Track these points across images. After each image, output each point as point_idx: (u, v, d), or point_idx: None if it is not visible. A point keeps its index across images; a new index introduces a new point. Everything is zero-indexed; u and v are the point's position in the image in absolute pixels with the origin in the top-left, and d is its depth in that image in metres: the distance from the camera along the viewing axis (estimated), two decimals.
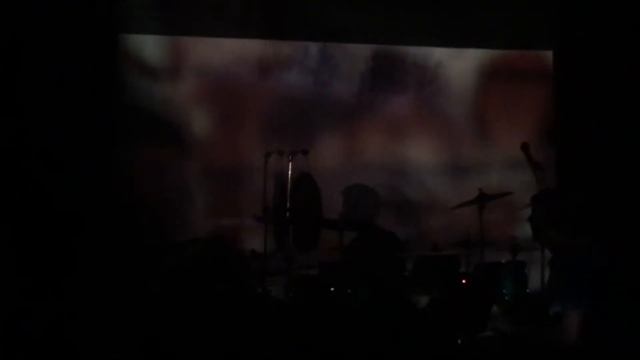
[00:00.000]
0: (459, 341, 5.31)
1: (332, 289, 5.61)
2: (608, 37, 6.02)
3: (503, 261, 5.88)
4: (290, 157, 5.92)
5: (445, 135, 7.01)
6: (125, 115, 5.48)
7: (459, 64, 7.00)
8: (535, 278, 5.82)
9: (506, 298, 5.72)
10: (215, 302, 5.08)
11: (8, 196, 4.66)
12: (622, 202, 5.68)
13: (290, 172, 5.96)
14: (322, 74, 6.88)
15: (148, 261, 5.10)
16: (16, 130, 4.78)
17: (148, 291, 4.77)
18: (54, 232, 4.89)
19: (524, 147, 5.68)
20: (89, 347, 4.26)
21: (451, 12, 6.57)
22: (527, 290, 5.78)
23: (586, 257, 4.20)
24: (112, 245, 5.00)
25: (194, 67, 6.64)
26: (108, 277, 4.73)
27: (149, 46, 6.44)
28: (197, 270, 5.45)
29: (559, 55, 6.78)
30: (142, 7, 5.83)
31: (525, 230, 5.20)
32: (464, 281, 5.80)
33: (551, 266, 5.02)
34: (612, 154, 5.92)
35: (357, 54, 6.89)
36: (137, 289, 4.70)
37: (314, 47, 6.83)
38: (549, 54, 6.93)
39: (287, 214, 5.96)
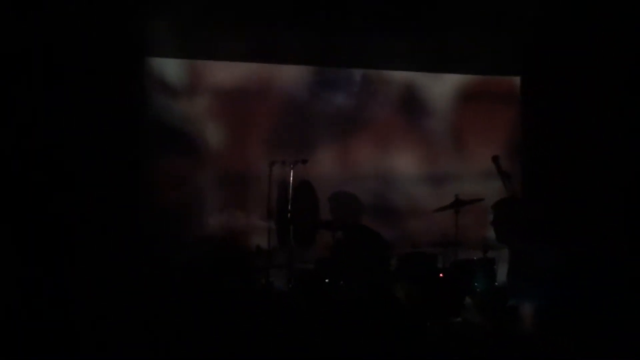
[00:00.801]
0: (428, 324, 5.36)
1: (326, 280, 5.76)
2: (568, 66, 6.12)
3: (475, 258, 5.98)
4: (291, 166, 6.03)
5: (427, 148, 7.04)
6: (149, 128, 5.72)
7: (439, 87, 7.06)
8: (504, 273, 5.80)
9: (477, 290, 5.76)
10: (225, 291, 5.25)
11: (49, 196, 4.94)
12: (576, 209, 5.77)
13: (291, 179, 6.07)
14: (320, 94, 6.85)
15: (167, 255, 5.35)
16: (54, 140, 5.05)
17: (168, 281, 5.01)
18: (86, 229, 5.13)
19: (495, 159, 5.90)
20: (114, 333, 4.44)
21: (432, 42, 6.52)
22: (496, 284, 5.80)
23: (539, 257, 4.46)
24: (137, 242, 5.27)
25: (209, 87, 6.64)
26: (133, 270, 4.96)
27: (171, 68, 6.49)
28: (210, 263, 5.55)
29: (525, 80, 6.90)
30: (165, 33, 5.91)
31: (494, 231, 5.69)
32: (441, 275, 5.90)
33: (510, 264, 5.31)
34: (570, 166, 6.03)
35: (351, 78, 6.92)
36: (158, 280, 4.96)
37: (312, 71, 6.84)
38: (517, 79, 7.02)
39: (289, 216, 6.05)
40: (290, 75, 6.83)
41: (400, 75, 7.00)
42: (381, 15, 6.11)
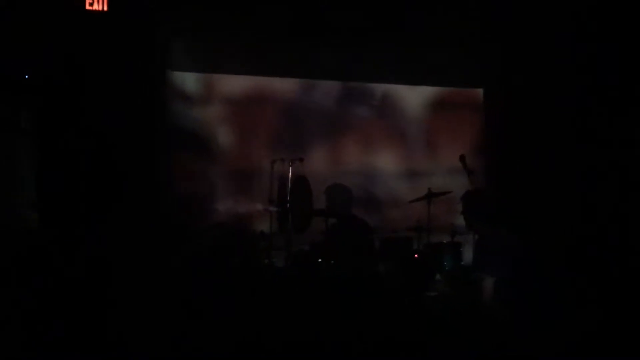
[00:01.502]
0: (405, 299, 5.55)
1: (319, 260, 6.01)
2: (523, 78, 6.55)
3: (444, 242, 6.34)
4: (290, 163, 6.31)
5: (404, 149, 7.37)
6: (170, 130, 6.25)
7: (414, 97, 7.43)
8: (468, 254, 6.02)
9: (446, 268, 6.13)
10: (234, 268, 5.54)
11: (93, 192, 5.49)
12: (529, 200, 6.18)
13: (290, 174, 6.32)
14: (313, 102, 7.18)
15: (185, 238, 5.78)
16: (96, 144, 5.62)
17: (185, 260, 5.37)
18: (123, 215, 5.57)
19: (461, 158, 5.94)
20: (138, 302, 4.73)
21: (409, 59, 6.95)
22: (462, 263, 6.18)
23: (499, 239, 4.74)
24: (160, 225, 5.69)
25: (221, 97, 6.91)
26: (156, 251, 5.39)
27: (189, 80, 6.78)
28: (221, 245, 5.82)
29: (487, 91, 7.30)
30: (184, 51, 6.38)
31: (461, 219, 5.59)
32: (416, 256, 6.21)
33: (475, 245, 5.41)
34: (524, 164, 6.43)
35: (340, 88, 7.27)
36: (177, 259, 5.36)
37: (306, 83, 7.15)
38: (480, 91, 7.43)
39: (287, 205, 6.32)
40: (289, 87, 7.11)
41: (381, 87, 7.35)
42: (367, 37, 6.51)
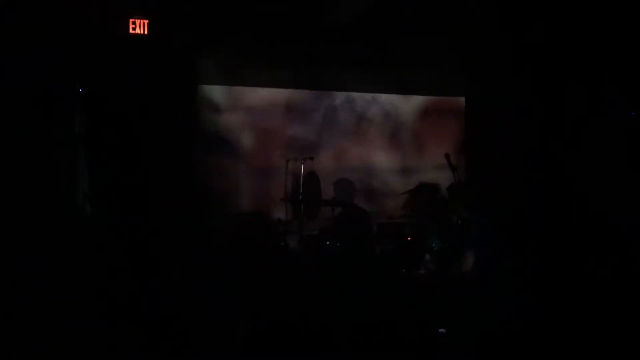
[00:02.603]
0: (401, 273, 5.92)
1: (327, 242, 6.48)
2: (497, 90, 6.92)
3: (432, 226, 6.57)
4: (302, 161, 6.72)
5: (398, 149, 7.70)
6: (201, 135, 6.58)
7: (406, 105, 7.79)
8: (452, 236, 6.25)
9: (434, 249, 6.37)
10: (255, 249, 6.03)
11: (138, 185, 5.81)
12: (502, 191, 6.41)
13: (302, 171, 6.71)
14: (322, 110, 7.50)
15: (215, 224, 6.17)
16: (140, 146, 5.94)
17: (216, 244, 5.79)
18: (163, 205, 5.94)
19: (446, 156, 6.44)
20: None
21: (402, 73, 7.24)
22: (447, 244, 6.31)
23: (478, 224, 5.31)
24: (194, 215, 6.05)
25: (244, 106, 7.21)
26: (189, 237, 5.76)
27: (217, 92, 7.11)
28: (245, 230, 6.38)
29: (469, 100, 7.66)
30: (212, 69, 6.59)
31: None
32: (409, 238, 6.68)
33: (459, 228, 5.97)
34: (499, 161, 6.75)
35: (345, 98, 7.57)
36: (209, 243, 5.75)
37: (318, 94, 7.46)
38: (462, 99, 7.81)
39: (300, 196, 6.80)
40: (301, 97, 7.40)
41: (379, 97, 7.68)
42: (368, 59, 6.83)
